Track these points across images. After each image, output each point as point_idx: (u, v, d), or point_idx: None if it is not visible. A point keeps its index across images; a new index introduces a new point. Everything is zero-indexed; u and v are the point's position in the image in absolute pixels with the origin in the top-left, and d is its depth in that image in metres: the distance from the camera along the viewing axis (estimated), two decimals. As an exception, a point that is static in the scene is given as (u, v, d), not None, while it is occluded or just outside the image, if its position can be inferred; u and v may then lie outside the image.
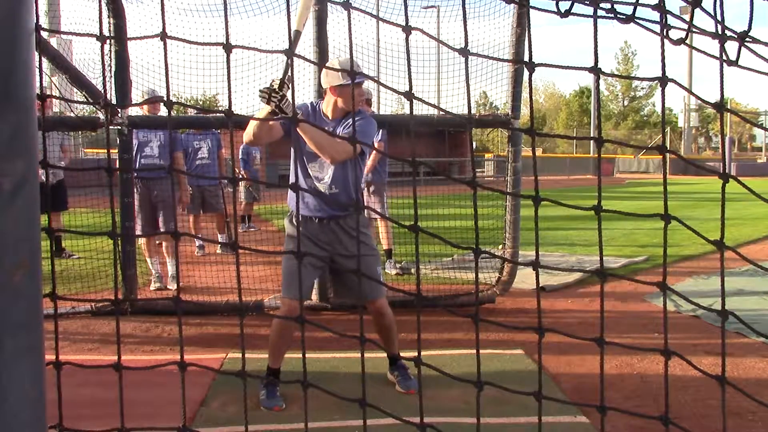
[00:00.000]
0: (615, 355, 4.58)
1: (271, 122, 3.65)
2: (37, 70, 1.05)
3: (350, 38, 1.40)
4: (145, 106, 6.62)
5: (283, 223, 4.07)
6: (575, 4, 1.26)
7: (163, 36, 1.31)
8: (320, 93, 5.59)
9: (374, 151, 7.26)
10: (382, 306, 3.92)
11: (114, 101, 5.61)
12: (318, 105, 3.94)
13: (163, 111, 6.73)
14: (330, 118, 3.85)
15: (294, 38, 3.46)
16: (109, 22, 5.43)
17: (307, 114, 3.88)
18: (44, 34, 5.63)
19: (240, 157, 11.30)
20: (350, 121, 3.79)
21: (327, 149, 3.64)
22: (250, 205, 11.69)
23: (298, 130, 3.59)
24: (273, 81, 3.46)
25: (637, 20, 1.26)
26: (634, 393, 4.00)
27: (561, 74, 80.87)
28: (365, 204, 7.42)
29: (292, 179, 3.87)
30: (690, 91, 1.49)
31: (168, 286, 6.89)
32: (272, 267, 7.23)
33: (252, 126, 3.67)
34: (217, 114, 6.41)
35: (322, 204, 3.84)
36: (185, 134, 9.17)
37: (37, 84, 1.10)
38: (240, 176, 10.60)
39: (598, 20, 1.27)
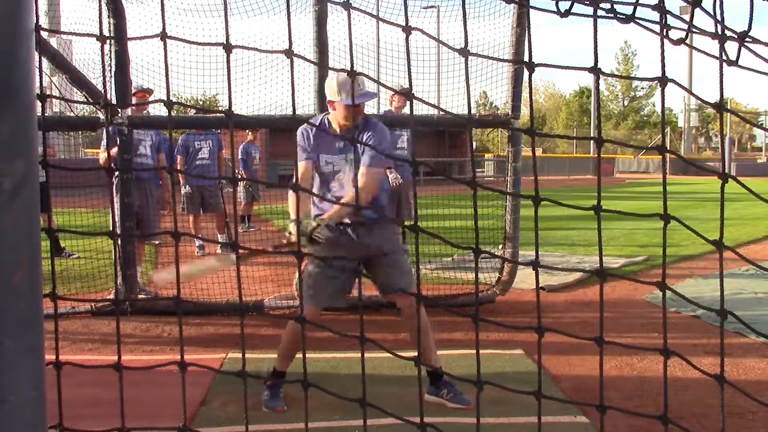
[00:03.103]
0: (615, 355, 4.58)
1: (303, 173, 3.74)
2: (37, 70, 1.05)
3: (350, 38, 1.40)
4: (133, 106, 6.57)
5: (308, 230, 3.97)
6: (575, 4, 1.26)
7: (163, 36, 1.31)
8: (320, 94, 5.60)
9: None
10: (414, 301, 3.81)
11: (114, 101, 5.61)
12: (326, 119, 3.85)
13: (155, 110, 6.72)
14: (339, 131, 3.76)
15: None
16: (109, 22, 5.43)
17: (309, 139, 3.80)
18: (44, 34, 5.64)
19: (239, 157, 11.29)
20: (365, 133, 3.72)
21: (364, 200, 3.69)
22: (249, 205, 11.67)
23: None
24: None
25: (637, 20, 1.26)
26: (634, 393, 4.00)
27: (561, 74, 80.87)
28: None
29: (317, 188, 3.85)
30: (690, 92, 1.49)
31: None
32: (272, 267, 7.23)
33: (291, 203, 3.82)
34: (217, 114, 6.40)
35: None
36: (185, 134, 9.17)
37: (37, 84, 1.10)
38: (239, 176, 10.61)
39: (598, 20, 1.27)
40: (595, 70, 1.30)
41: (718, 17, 1.21)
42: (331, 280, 3.80)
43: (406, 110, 7.47)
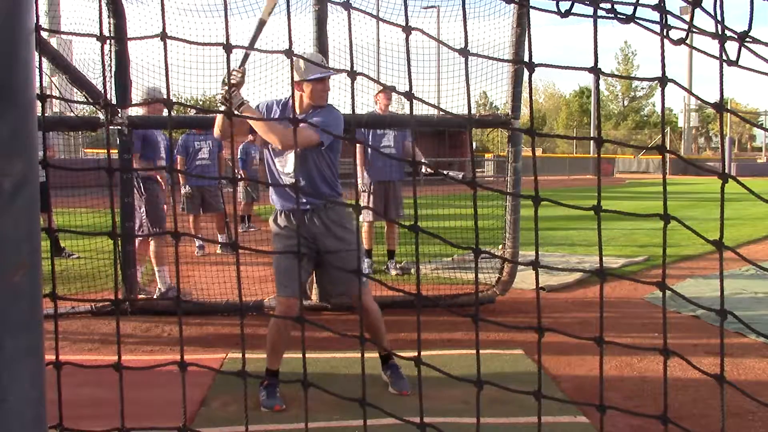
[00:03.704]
0: (615, 355, 4.58)
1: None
2: (37, 70, 1.05)
3: (350, 38, 1.40)
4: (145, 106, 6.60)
5: (269, 222, 4.07)
6: (575, 4, 1.26)
7: (163, 36, 1.31)
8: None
9: (360, 148, 7.24)
10: (365, 300, 3.88)
11: (114, 101, 5.61)
12: (288, 101, 3.96)
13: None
14: (298, 113, 3.86)
15: (258, 27, 3.61)
16: (109, 22, 5.43)
17: (270, 110, 3.94)
18: (44, 34, 5.63)
19: (239, 156, 11.30)
20: (316, 112, 3.81)
21: (273, 135, 3.70)
22: (249, 205, 11.69)
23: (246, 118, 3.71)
24: (225, 77, 3.65)
25: (637, 20, 1.26)
26: (634, 393, 4.00)
27: (561, 74, 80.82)
28: (361, 203, 7.40)
29: (268, 177, 4.00)
30: (690, 92, 1.49)
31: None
32: (272, 267, 7.22)
33: (217, 121, 3.89)
34: (217, 114, 6.40)
35: (294, 197, 3.84)
36: (186, 134, 9.18)
37: (37, 84, 1.10)
38: (239, 176, 10.64)
39: (598, 20, 1.27)
40: (595, 70, 1.30)
41: (718, 17, 1.21)
42: (302, 268, 3.90)
43: (391, 109, 7.49)
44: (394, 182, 7.61)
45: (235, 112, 3.62)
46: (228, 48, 1.32)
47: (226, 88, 3.53)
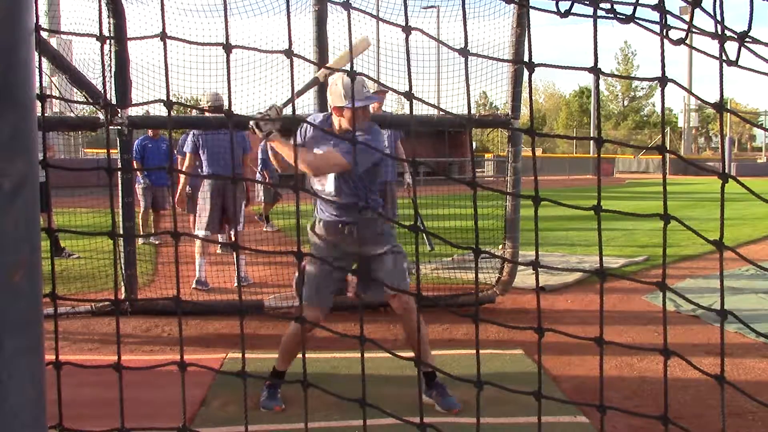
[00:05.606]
0: (615, 355, 4.58)
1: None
2: (37, 70, 1.05)
3: (350, 38, 1.40)
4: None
5: (308, 228, 3.93)
6: (575, 4, 1.26)
7: (163, 36, 1.31)
8: (320, 94, 5.59)
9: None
10: (408, 301, 3.63)
11: (114, 101, 5.61)
12: (329, 117, 3.86)
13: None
14: (338, 131, 3.76)
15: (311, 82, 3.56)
16: (109, 22, 5.43)
17: (306, 132, 3.86)
18: (44, 34, 5.63)
19: (260, 156, 11.30)
20: (358, 133, 3.72)
21: (303, 165, 3.61)
22: (269, 204, 11.71)
23: (270, 146, 3.63)
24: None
25: (637, 20, 1.26)
26: (634, 393, 4.00)
27: (561, 74, 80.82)
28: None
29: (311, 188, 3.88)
30: (690, 92, 1.49)
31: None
32: (272, 267, 7.23)
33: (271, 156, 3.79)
34: (217, 114, 6.41)
35: (338, 210, 3.78)
36: (185, 135, 9.19)
37: (37, 84, 1.10)
38: (261, 178, 10.75)
39: (598, 20, 1.27)
40: (595, 70, 1.30)
41: (718, 17, 1.21)
42: (333, 280, 3.80)
43: (390, 109, 7.50)
44: (389, 183, 7.61)
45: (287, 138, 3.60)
46: (228, 48, 1.32)
47: (261, 115, 3.49)
